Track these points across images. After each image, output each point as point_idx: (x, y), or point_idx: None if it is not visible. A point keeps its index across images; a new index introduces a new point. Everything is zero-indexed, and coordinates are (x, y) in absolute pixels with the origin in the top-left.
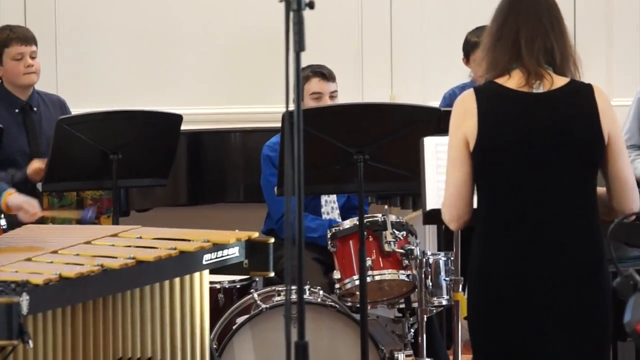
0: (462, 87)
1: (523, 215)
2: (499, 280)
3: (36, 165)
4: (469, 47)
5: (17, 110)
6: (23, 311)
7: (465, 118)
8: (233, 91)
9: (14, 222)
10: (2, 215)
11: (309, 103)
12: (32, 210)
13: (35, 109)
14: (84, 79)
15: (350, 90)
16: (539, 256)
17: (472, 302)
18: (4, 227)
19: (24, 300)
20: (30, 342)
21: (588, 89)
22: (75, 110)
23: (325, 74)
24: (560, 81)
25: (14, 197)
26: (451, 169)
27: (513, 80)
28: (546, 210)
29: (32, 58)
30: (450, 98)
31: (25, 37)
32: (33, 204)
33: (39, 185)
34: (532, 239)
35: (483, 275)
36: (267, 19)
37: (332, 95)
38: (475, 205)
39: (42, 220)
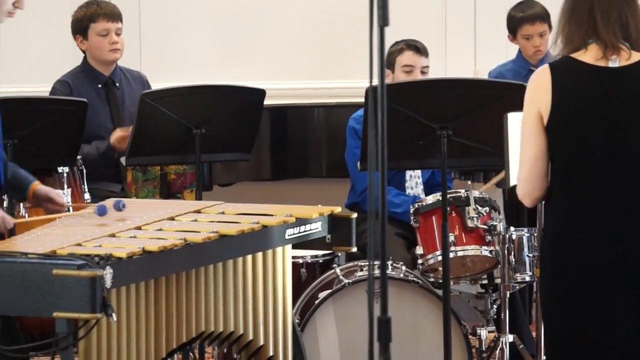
0: (512, 68)
1: (597, 188)
2: (574, 249)
3: (119, 133)
4: (514, 24)
5: (100, 86)
6: (106, 285)
7: (539, 93)
8: (317, 66)
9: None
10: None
11: (400, 76)
12: (60, 200)
13: (117, 84)
14: (168, 53)
15: (433, 65)
16: (614, 227)
17: (546, 274)
18: (87, 200)
19: (108, 273)
20: (114, 316)
21: None
22: (159, 85)
23: (419, 48)
24: (636, 56)
25: (41, 188)
26: (525, 144)
27: (589, 54)
28: (621, 184)
29: (117, 35)
30: (497, 78)
31: (112, 13)
32: (59, 193)
33: (123, 160)
34: (606, 212)
35: (559, 245)
36: None
37: (424, 71)
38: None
39: (125, 195)
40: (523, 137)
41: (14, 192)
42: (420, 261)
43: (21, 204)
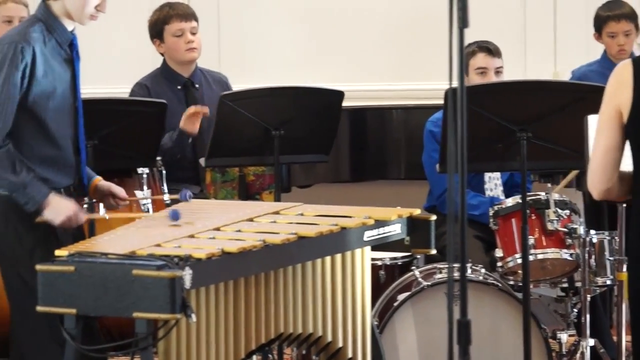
0: (597, 69)
1: None
2: None
3: (189, 112)
4: (600, 22)
5: (179, 87)
6: (186, 285)
7: (619, 89)
8: (395, 68)
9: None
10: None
11: (473, 78)
12: (122, 194)
13: (197, 85)
14: (247, 55)
15: (513, 67)
16: None
17: (632, 283)
18: (167, 202)
19: (187, 274)
20: (193, 317)
21: None
22: (238, 86)
23: (491, 49)
24: None
25: (103, 182)
26: (598, 137)
27: None
28: None
29: (193, 34)
30: (581, 78)
31: (185, 13)
32: (121, 189)
33: (202, 161)
34: None
35: None
36: None
37: (498, 71)
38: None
39: (204, 196)
40: (597, 129)
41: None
42: (499, 264)
43: (101, 204)
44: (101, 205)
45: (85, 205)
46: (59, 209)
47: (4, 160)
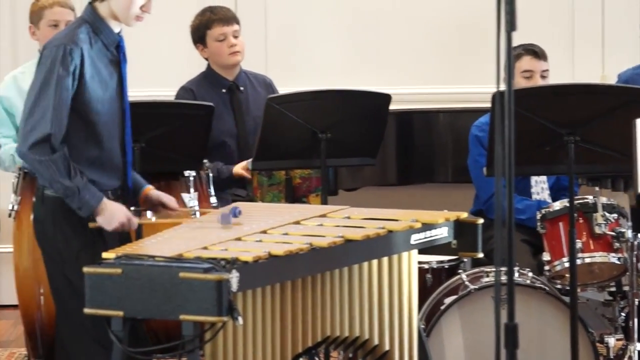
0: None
1: None
2: None
3: (241, 172)
4: None
5: (224, 91)
6: (233, 288)
7: None
8: (442, 71)
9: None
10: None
11: (519, 81)
12: (172, 204)
13: (241, 88)
14: (294, 58)
15: (560, 70)
16: None
17: None
18: (214, 204)
19: (234, 277)
20: (240, 319)
21: None
22: (285, 89)
23: (537, 52)
24: None
25: (153, 192)
26: None
27: None
28: None
29: (235, 37)
30: (627, 81)
31: (226, 17)
32: (171, 198)
33: (249, 163)
34: None
35: None
36: None
37: (544, 75)
38: None
39: (250, 199)
40: None
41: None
42: (547, 268)
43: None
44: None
45: (132, 209)
46: (112, 215)
47: (59, 165)
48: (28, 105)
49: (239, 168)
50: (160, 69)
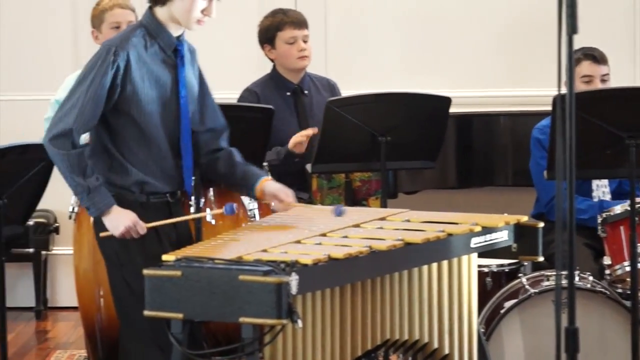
0: None
1: None
2: None
3: (295, 139)
4: None
5: (288, 94)
6: (292, 291)
7: None
8: (502, 74)
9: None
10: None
11: (579, 86)
12: (287, 199)
13: (306, 92)
14: (354, 61)
15: (623, 73)
16: None
17: None
18: (250, 212)
19: (293, 280)
20: (300, 322)
21: None
22: (345, 92)
23: (596, 57)
24: None
25: (270, 185)
26: None
27: None
28: None
29: (305, 42)
30: None
31: (298, 20)
32: (288, 192)
33: (309, 167)
34: None
35: None
36: (538, 0)
37: (604, 79)
38: None
39: (310, 202)
40: None
41: (243, 189)
42: (607, 272)
43: (208, 209)
44: (208, 210)
45: (191, 207)
46: (118, 219)
47: (73, 161)
48: (65, 97)
49: (293, 140)
50: (223, 71)
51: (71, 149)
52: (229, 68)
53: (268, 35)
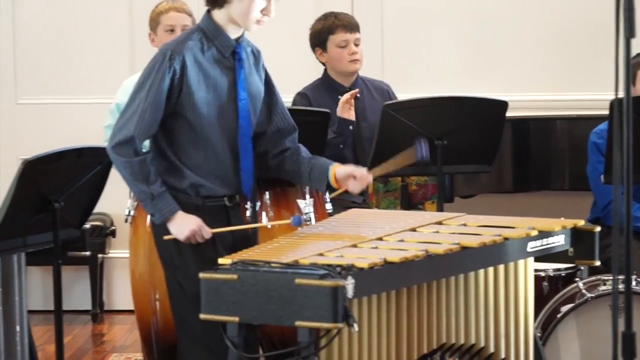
0: None
1: None
2: None
3: (343, 104)
4: None
5: (339, 97)
6: (348, 294)
7: None
8: (559, 78)
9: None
10: (328, 199)
11: (637, 90)
12: (363, 174)
13: (358, 95)
14: (410, 65)
15: None
16: None
17: None
18: (329, 211)
19: (349, 283)
20: (356, 326)
21: None
22: (401, 96)
23: None
24: None
25: (340, 169)
26: None
27: None
28: None
29: (356, 45)
30: None
31: (350, 24)
32: (361, 169)
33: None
34: None
35: None
36: (595, 3)
37: None
38: None
39: (366, 205)
40: None
41: (314, 182)
42: None
43: (264, 213)
44: (263, 213)
45: (247, 210)
46: (183, 224)
47: (136, 169)
48: (126, 105)
49: (340, 106)
50: (278, 75)
51: (133, 156)
52: (283, 72)
53: (320, 38)
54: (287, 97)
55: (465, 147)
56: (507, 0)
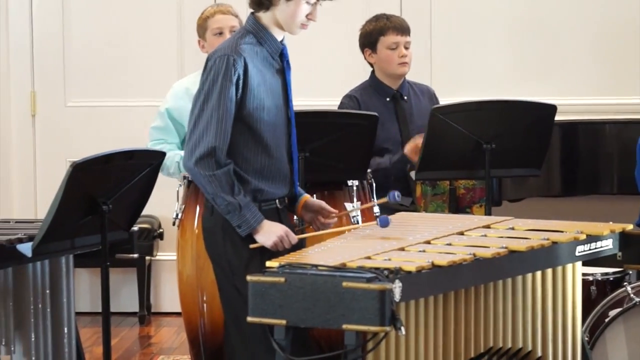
0: None
1: None
2: None
3: (413, 143)
4: None
5: (388, 99)
6: (395, 298)
7: None
8: (608, 81)
9: None
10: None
11: None
12: (329, 208)
13: (405, 97)
14: (458, 68)
15: None
16: None
17: None
18: (376, 214)
19: (397, 287)
20: (403, 329)
21: None
22: (449, 99)
23: None
24: None
25: (312, 200)
26: None
27: None
28: None
29: (406, 48)
30: None
31: (401, 27)
32: (329, 209)
33: (412, 174)
34: None
35: None
36: None
37: None
38: None
39: (414, 209)
40: None
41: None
42: None
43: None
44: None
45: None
46: (270, 231)
47: (222, 181)
48: (193, 117)
49: (409, 146)
50: (324, 77)
51: (217, 168)
52: (331, 74)
53: (370, 39)
54: (332, 100)
55: (514, 150)
56: (556, 3)
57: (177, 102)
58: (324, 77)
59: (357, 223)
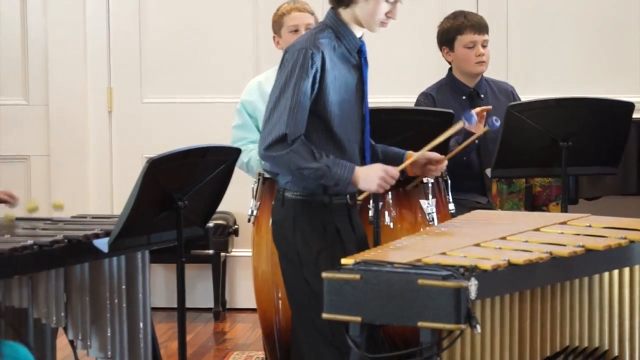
0: None
1: None
2: None
3: (476, 111)
4: None
5: (464, 97)
6: (471, 296)
7: None
8: None
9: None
10: (451, 199)
11: None
12: (437, 156)
13: (482, 95)
14: (535, 65)
15: None
16: None
17: None
18: (452, 211)
19: (473, 285)
20: (478, 327)
21: None
22: (526, 97)
23: None
24: None
25: (416, 153)
26: None
27: None
28: None
29: (484, 47)
30: None
31: (479, 25)
32: (436, 155)
33: (488, 172)
34: None
35: None
36: None
37: None
38: None
39: (490, 207)
40: None
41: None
42: None
43: (386, 213)
44: (386, 213)
45: (369, 210)
46: (369, 176)
47: (301, 151)
48: (268, 108)
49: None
50: (400, 75)
51: (290, 147)
52: (407, 72)
53: (448, 37)
54: (409, 97)
55: (590, 148)
56: (632, 0)
57: (250, 96)
58: (399, 74)
59: (432, 221)
